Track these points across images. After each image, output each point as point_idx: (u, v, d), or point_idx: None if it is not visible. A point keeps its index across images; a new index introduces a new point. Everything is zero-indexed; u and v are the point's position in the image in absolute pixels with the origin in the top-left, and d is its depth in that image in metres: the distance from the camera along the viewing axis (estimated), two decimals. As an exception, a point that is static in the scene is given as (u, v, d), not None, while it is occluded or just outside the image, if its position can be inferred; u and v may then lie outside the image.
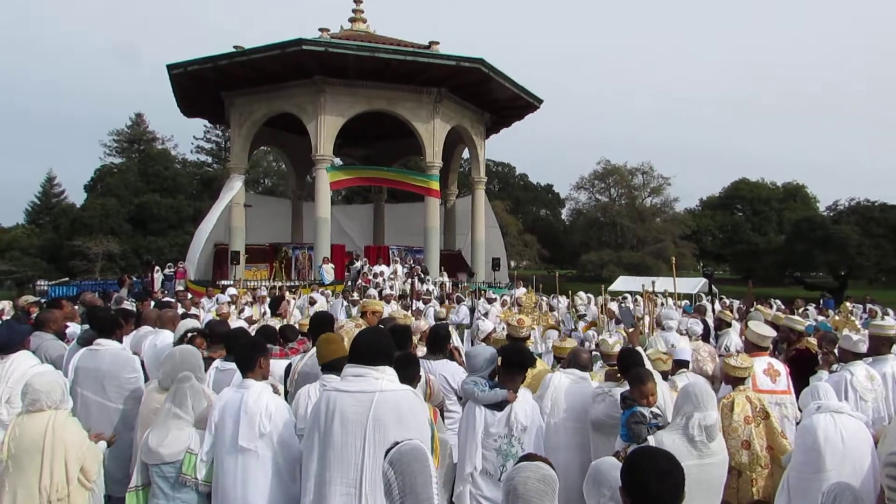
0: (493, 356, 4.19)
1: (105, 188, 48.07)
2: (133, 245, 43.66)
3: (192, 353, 4.19)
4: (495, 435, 3.89)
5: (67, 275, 34.62)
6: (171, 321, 6.73)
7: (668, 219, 57.44)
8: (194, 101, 25.80)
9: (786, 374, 5.24)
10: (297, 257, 25.39)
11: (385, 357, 3.20)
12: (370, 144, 31.07)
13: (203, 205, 39.44)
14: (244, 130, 24.34)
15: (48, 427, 3.56)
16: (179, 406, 3.60)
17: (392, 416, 3.01)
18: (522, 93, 25.11)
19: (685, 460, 3.26)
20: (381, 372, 3.13)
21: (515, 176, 69.65)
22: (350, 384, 3.11)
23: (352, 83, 22.68)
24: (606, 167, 59.48)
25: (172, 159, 55.57)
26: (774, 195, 62.70)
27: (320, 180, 22.93)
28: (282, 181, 53.28)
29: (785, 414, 5.05)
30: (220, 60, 21.46)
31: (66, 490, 3.57)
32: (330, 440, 3.03)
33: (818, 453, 3.58)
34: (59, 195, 56.71)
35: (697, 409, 3.35)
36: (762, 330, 5.45)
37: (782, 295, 26.73)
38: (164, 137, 58.41)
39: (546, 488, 2.15)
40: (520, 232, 53.24)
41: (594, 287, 27.19)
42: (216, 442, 3.45)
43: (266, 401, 3.49)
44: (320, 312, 5.90)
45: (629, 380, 4.01)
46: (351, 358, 3.22)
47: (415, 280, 18.98)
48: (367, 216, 32.93)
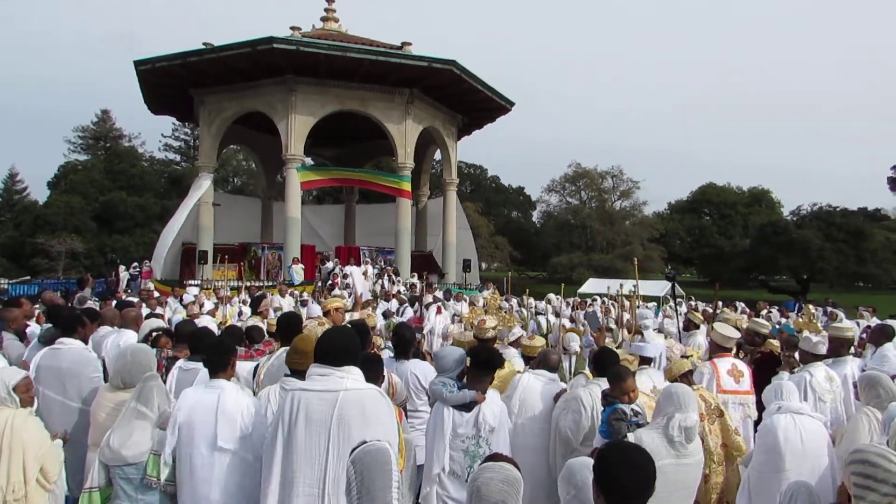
0: (461, 357, 4.19)
1: (69, 185, 47.03)
2: (98, 244, 42.77)
3: (146, 353, 4.14)
4: (463, 436, 3.89)
5: (29, 273, 33.82)
6: (133, 321, 6.62)
7: (637, 222, 58.07)
8: (162, 98, 25.38)
9: (748, 375, 5.35)
10: (267, 257, 25.10)
11: (350, 356, 3.17)
12: (341, 145, 30.90)
13: (171, 203, 38.83)
14: (213, 129, 24.02)
15: (6, 425, 3.50)
16: (146, 404, 3.54)
17: (356, 415, 2.99)
18: (494, 95, 25.21)
19: (662, 459, 3.32)
20: (346, 371, 3.11)
21: (487, 178, 69.94)
22: (315, 383, 3.09)
23: (323, 83, 22.52)
24: (577, 170, 59.97)
25: (140, 157, 54.63)
26: (740, 199, 63.88)
27: (291, 180, 22.73)
28: (252, 180, 52.74)
29: (748, 413, 5.17)
30: (189, 57, 21.15)
31: (23, 490, 3.50)
32: (294, 440, 3.00)
33: (778, 453, 3.66)
34: (22, 192, 55.29)
35: (679, 410, 3.41)
36: (727, 331, 5.55)
37: (747, 298, 27.27)
38: (131, 135, 57.46)
39: (510, 489, 2.15)
40: (491, 234, 53.43)
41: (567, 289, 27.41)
42: (184, 442, 3.40)
43: (245, 401, 3.48)
44: (288, 313, 5.86)
45: (609, 377, 4.04)
46: (316, 358, 3.19)
47: (385, 281, 18.93)
48: (337, 216, 32.73)
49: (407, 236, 24.73)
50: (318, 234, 30.35)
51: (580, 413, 4.21)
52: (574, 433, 4.13)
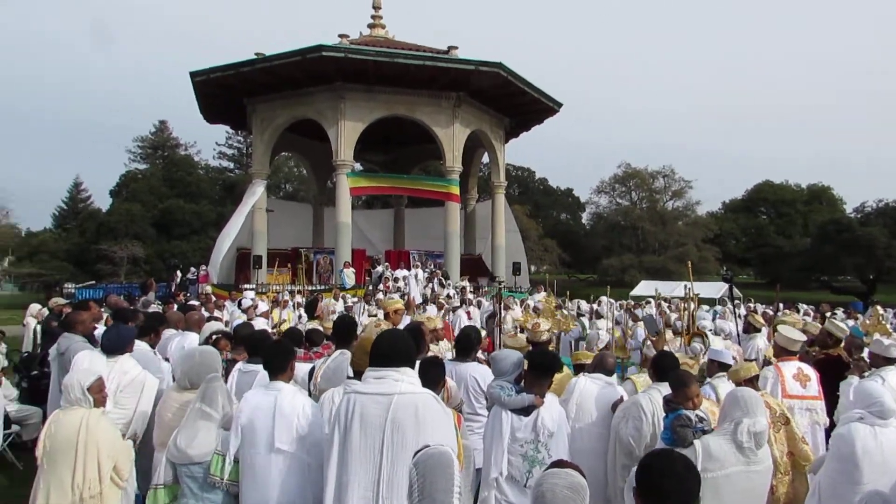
0: (519, 360, 4.15)
1: (130, 193, 48.77)
2: (157, 249, 44.22)
3: (212, 354, 4.24)
4: (522, 440, 3.84)
5: (93, 278, 35.19)
6: (196, 323, 6.84)
7: (690, 222, 56.74)
8: (217, 107, 26.15)
9: (816, 380, 5.14)
10: (319, 262, 25.53)
11: (405, 358, 3.16)
12: (390, 149, 31.23)
13: (225, 210, 39.86)
14: (266, 136, 24.58)
15: (82, 424, 3.63)
16: (210, 405, 3.61)
17: (410, 419, 2.98)
18: (542, 96, 25.06)
19: (731, 466, 3.23)
20: (401, 373, 3.09)
21: (535, 180, 69.44)
22: (370, 386, 3.10)
23: (371, 89, 22.80)
24: (627, 171, 59.00)
25: (195, 165, 56.29)
26: (799, 197, 61.73)
27: (341, 185, 23.07)
28: (303, 186, 53.63)
29: (816, 420, 4.96)
30: (242, 67, 21.74)
31: (98, 487, 3.62)
32: (349, 442, 3.02)
33: (855, 465, 3.50)
34: (86, 200, 57.78)
35: (747, 415, 3.30)
36: (792, 334, 5.35)
37: (808, 299, 26.34)
38: (187, 143, 59.30)
39: (575, 496, 2.12)
40: (540, 236, 53.00)
41: (619, 291, 26.97)
42: (245, 443, 3.46)
43: (302, 403, 3.52)
44: (344, 316, 5.93)
45: (671, 382, 3.92)
46: (371, 360, 3.20)
47: (435, 284, 18.99)
48: (387, 221, 33.05)
49: (456, 240, 24.77)
50: (368, 238, 30.70)
51: (641, 420, 4.10)
52: (636, 441, 4.03)
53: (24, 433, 7.34)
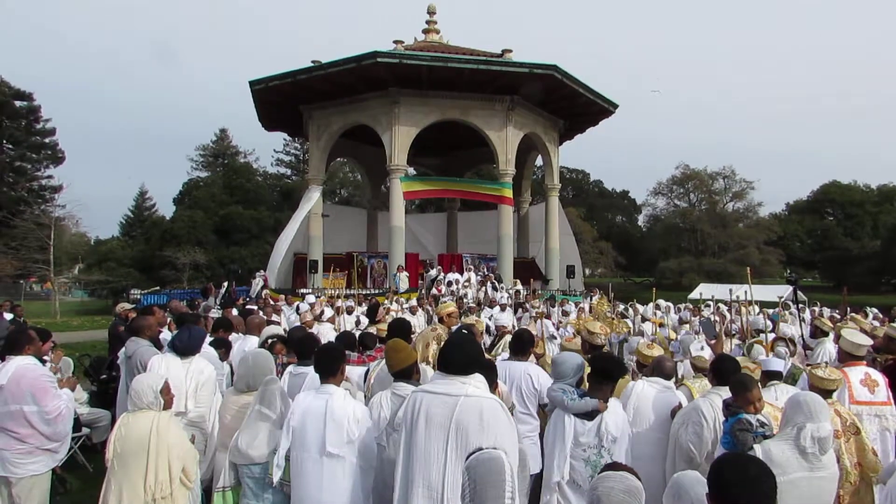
0: (581, 364, 4.12)
1: (192, 201, 50.33)
2: (218, 255, 45.48)
3: (266, 357, 4.35)
4: (584, 445, 3.81)
5: (158, 284, 36.44)
6: (257, 327, 7.04)
7: (752, 224, 55.05)
8: (274, 115, 26.78)
9: (885, 385, 4.91)
10: (373, 266, 25.82)
11: (474, 364, 3.17)
12: (443, 153, 31.36)
13: (283, 215, 40.73)
14: (322, 143, 25.05)
15: (153, 427, 3.75)
16: (269, 407, 3.71)
17: (475, 422, 2.98)
18: (597, 98, 24.73)
19: (794, 472, 3.14)
20: (470, 378, 3.12)
21: (590, 182, 68.63)
22: (437, 386, 3.14)
23: (425, 93, 22.96)
24: (685, 172, 57.72)
25: (254, 172, 57.72)
26: (868, 198, 59.15)
27: (394, 190, 23.28)
28: (357, 191, 54.43)
29: (886, 426, 4.75)
30: (298, 75, 22.20)
31: (169, 489, 3.74)
32: (414, 440, 3.06)
33: None
34: (151, 208, 60.12)
35: (810, 420, 3.21)
36: (857, 338, 5.14)
37: (878, 303, 25.13)
38: (246, 151, 60.96)
39: (631, 500, 2.09)
40: (595, 239, 52.32)
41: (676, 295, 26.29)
42: (296, 446, 3.53)
43: (353, 407, 3.57)
44: (398, 319, 5.99)
45: (732, 386, 3.83)
46: (440, 366, 3.21)
47: (488, 288, 18.96)
48: (440, 224, 33.19)
49: (509, 243, 24.66)
50: (421, 242, 30.87)
51: (701, 425, 4.00)
52: (696, 447, 3.93)
53: (93, 436, 7.57)
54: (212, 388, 5.01)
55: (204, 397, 4.89)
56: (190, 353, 5.03)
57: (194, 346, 5.10)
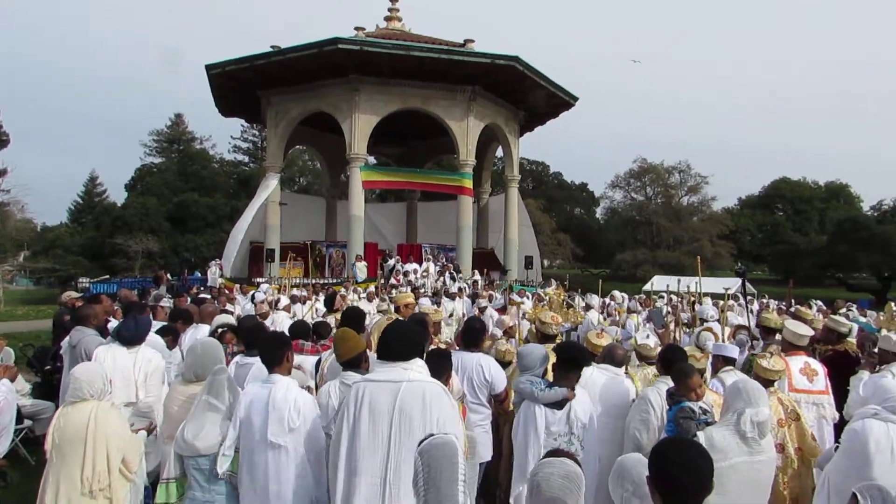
0: (546, 355, 4.17)
1: (145, 187, 49.14)
2: (172, 243, 44.52)
3: (215, 346, 4.27)
4: (556, 434, 3.86)
5: (108, 272, 35.48)
6: (210, 316, 6.92)
7: (706, 218, 56.36)
8: (232, 100, 26.24)
9: (823, 374, 5.10)
10: (332, 255, 25.62)
11: (414, 350, 3.22)
12: (404, 143, 31.21)
13: (240, 203, 40.04)
14: (280, 130, 24.67)
15: (91, 417, 3.65)
16: (217, 397, 3.64)
17: (418, 406, 3.02)
18: (557, 90, 24.93)
19: (735, 457, 3.24)
20: (411, 364, 3.16)
21: (549, 174, 69.21)
22: (379, 374, 3.16)
23: (386, 82, 22.79)
24: (642, 165, 58.65)
25: (210, 159, 56.60)
26: (816, 194, 61.17)
27: (354, 179, 23.10)
28: (316, 180, 53.83)
29: (822, 414, 4.93)
30: (257, 60, 21.78)
31: (107, 480, 3.65)
32: (358, 430, 3.06)
33: (866, 461, 3.47)
34: (101, 194, 58.32)
35: (749, 406, 3.31)
36: (799, 329, 5.32)
37: (823, 296, 26.07)
38: (202, 137, 59.64)
39: (570, 485, 2.12)
40: (553, 231, 52.85)
41: (631, 286, 26.80)
42: (244, 436, 3.49)
43: (294, 396, 3.52)
44: (351, 308, 5.95)
45: (673, 375, 3.95)
46: (380, 354, 3.24)
47: (446, 278, 19.00)
48: (400, 214, 33.09)
49: (468, 233, 24.74)
50: (381, 231, 30.74)
51: (649, 413, 4.10)
52: (641, 433, 4.04)
53: (37, 428, 7.30)
54: (160, 378, 4.91)
55: (153, 387, 4.79)
56: (136, 343, 4.92)
57: (140, 336, 4.99)
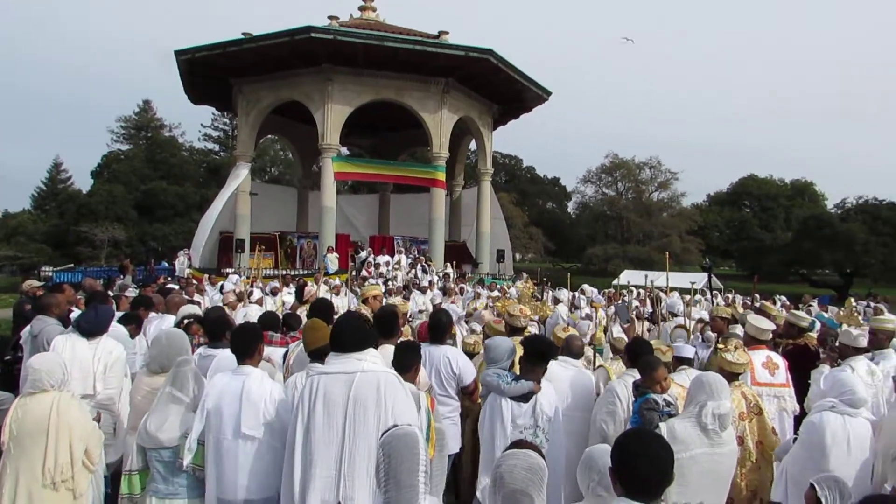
0: (513, 348, 4.20)
1: (112, 174, 48.16)
2: (139, 232, 43.75)
3: (180, 337, 4.21)
4: (522, 426, 3.89)
5: (73, 261, 34.78)
6: (177, 306, 6.82)
7: (675, 214, 57.22)
8: (202, 88, 25.80)
9: (784, 368, 5.23)
10: (303, 246, 25.44)
11: (366, 340, 3.21)
12: (377, 134, 31.05)
13: (209, 192, 39.51)
14: (251, 118, 24.35)
15: (53, 408, 3.58)
16: (181, 389, 3.58)
17: (372, 396, 3.02)
18: (531, 85, 25.02)
19: (696, 448, 3.30)
20: (364, 354, 3.16)
21: (522, 168, 69.49)
22: (332, 366, 3.15)
23: (360, 72, 22.63)
24: (614, 161, 59.25)
25: (179, 147, 55.70)
26: (782, 192, 62.49)
27: (326, 170, 22.93)
28: (288, 170, 53.34)
29: (783, 407, 5.06)
30: (228, 47, 21.46)
31: (70, 472, 3.58)
32: (313, 423, 3.05)
33: (822, 453, 3.57)
34: (66, 181, 57.01)
35: (711, 398, 3.38)
36: (761, 324, 5.44)
37: (787, 291, 26.64)
38: (171, 125, 58.64)
39: (533, 477, 2.15)
40: (525, 224, 53.16)
41: (601, 281, 27.05)
42: (211, 428, 3.43)
43: (269, 388, 3.50)
44: (321, 299, 5.92)
45: (639, 367, 4.02)
46: (333, 346, 3.23)
47: (418, 270, 19.01)
48: (372, 206, 32.94)
49: (441, 226, 24.76)
50: (353, 223, 30.59)
51: (615, 405, 4.17)
52: (609, 425, 4.10)
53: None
54: (121, 370, 4.82)
55: (113, 379, 4.70)
56: (97, 334, 4.82)
57: (101, 326, 4.88)
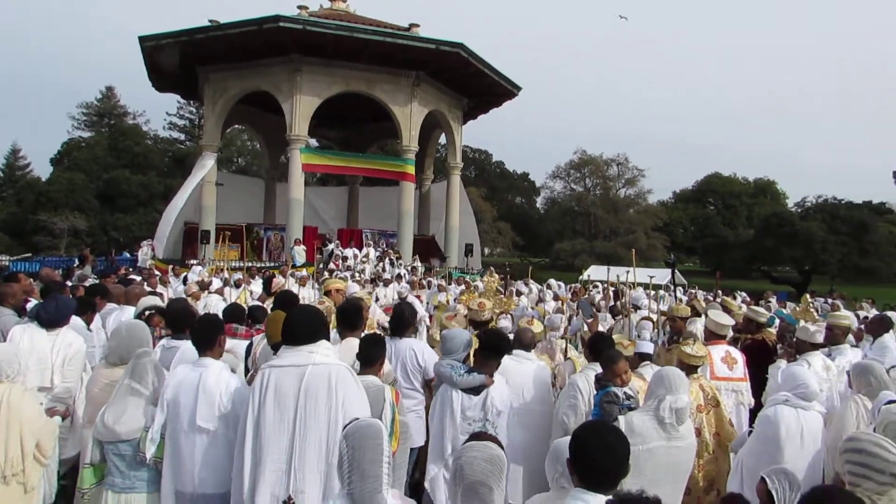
0: (469, 340, 4.20)
1: (72, 162, 46.99)
2: (100, 221, 42.78)
3: (140, 329, 4.13)
4: (471, 419, 3.91)
5: (31, 250, 33.84)
6: (137, 298, 6.68)
7: (641, 210, 57.94)
8: (167, 75, 25.23)
9: (742, 363, 5.36)
10: (269, 238, 25.17)
11: (318, 333, 3.18)
12: (346, 126, 30.81)
13: (174, 182, 38.77)
14: (218, 107, 23.94)
15: (4, 400, 3.49)
16: (139, 381, 3.52)
17: (323, 388, 3.00)
18: (501, 79, 25.06)
19: (653, 441, 3.36)
20: (316, 346, 3.13)
21: (492, 163, 69.62)
22: (283, 359, 3.13)
23: (329, 63, 22.41)
24: (582, 157, 59.69)
25: (144, 135, 54.50)
26: (745, 190, 63.68)
27: (294, 161, 22.69)
28: (255, 161, 52.64)
29: (741, 400, 5.19)
30: (195, 34, 21.07)
31: (21, 465, 3.50)
32: (263, 416, 3.02)
33: (777, 446, 3.65)
34: (24, 168, 55.28)
35: (670, 393, 3.44)
36: (721, 319, 5.56)
37: (748, 288, 27.24)
38: (135, 112, 57.34)
39: (493, 468, 2.17)
40: (494, 219, 53.33)
41: (568, 276, 27.35)
42: (170, 420, 3.40)
43: (226, 380, 3.46)
44: (285, 291, 5.87)
45: (601, 361, 4.06)
46: (284, 338, 3.20)
47: (386, 264, 18.95)
48: (341, 199, 32.70)
49: (410, 220, 24.70)
50: (321, 215, 30.33)
51: (577, 398, 4.22)
52: (570, 418, 4.15)
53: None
54: (81, 363, 4.71)
55: (72, 372, 4.59)
56: (57, 325, 4.70)
57: (62, 317, 4.76)
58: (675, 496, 3.57)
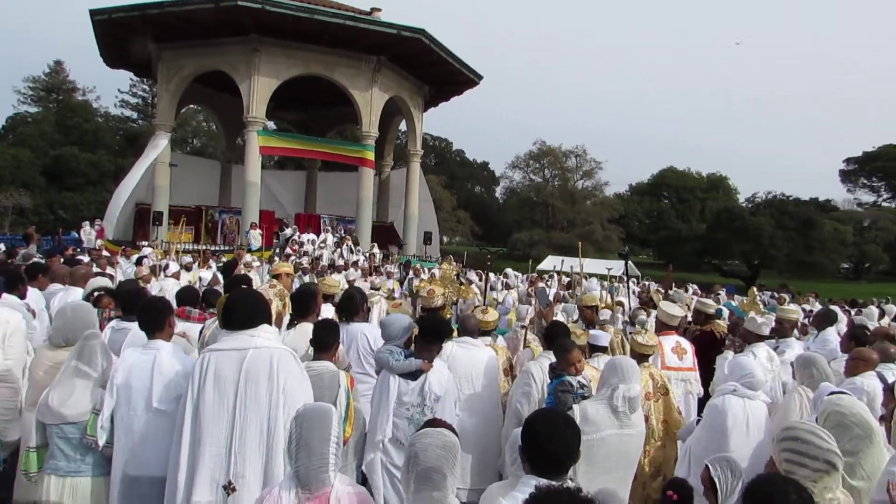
0: (409, 325, 4.18)
1: (18, 138, 45.18)
2: (47, 199, 41.31)
3: (87, 310, 4.03)
4: (408, 404, 3.90)
5: (-28, 228, 32.53)
6: (83, 278, 6.52)
7: (598, 202, 58.78)
8: (119, 51, 24.42)
9: (692, 352, 5.50)
10: (224, 221, 24.72)
11: (258, 316, 3.16)
12: (305, 109, 30.32)
13: (126, 161, 37.57)
14: (172, 86, 23.29)
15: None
16: (88, 363, 3.42)
17: (264, 372, 2.99)
18: (462, 67, 25.02)
19: (606, 429, 3.42)
20: (258, 330, 3.11)
21: (452, 151, 69.64)
22: (224, 343, 3.10)
23: (289, 44, 22.01)
24: (542, 148, 60.20)
25: (94, 112, 52.66)
26: (699, 185, 65.13)
27: (251, 143, 22.28)
28: (211, 142, 51.45)
29: (689, 390, 5.34)
30: (149, 9, 20.37)
31: None
32: (203, 399, 2.99)
33: (724, 434, 3.75)
34: (-34, 142, 52.98)
35: (623, 381, 3.51)
36: (672, 310, 5.69)
37: (699, 280, 27.94)
38: (85, 88, 55.19)
39: (447, 455, 2.18)
40: (454, 207, 53.43)
41: (524, 265, 27.63)
42: (121, 403, 3.31)
43: (181, 361, 3.41)
44: (238, 275, 5.79)
45: (554, 350, 4.10)
46: (224, 323, 3.17)
47: (344, 250, 18.82)
48: (299, 183, 32.28)
49: (368, 206, 24.57)
50: (278, 199, 29.92)
51: (530, 386, 4.26)
52: (524, 406, 4.19)
53: None
54: (21, 340, 4.54)
55: (13, 350, 4.42)
56: None
57: None
58: (624, 482, 3.66)
